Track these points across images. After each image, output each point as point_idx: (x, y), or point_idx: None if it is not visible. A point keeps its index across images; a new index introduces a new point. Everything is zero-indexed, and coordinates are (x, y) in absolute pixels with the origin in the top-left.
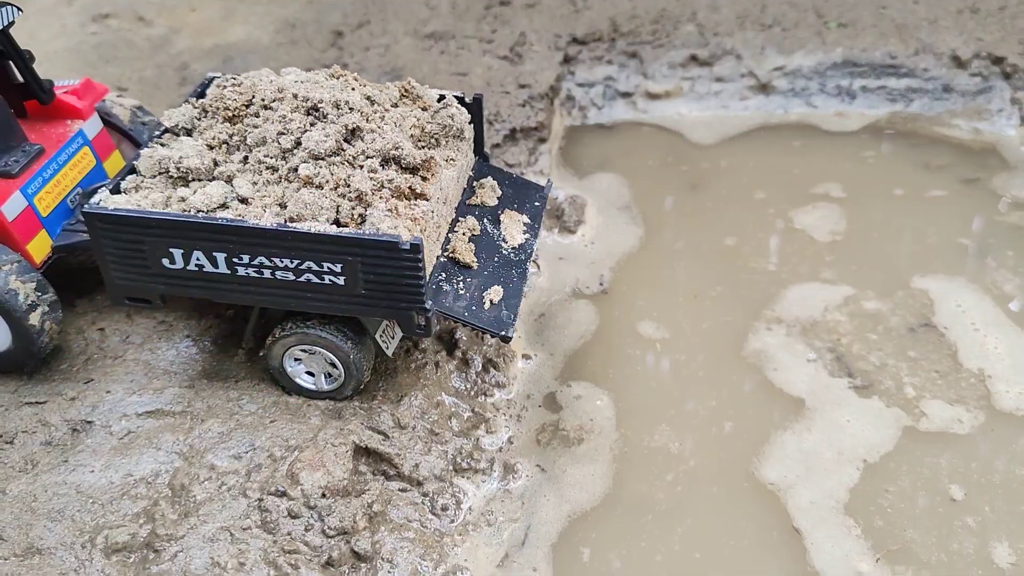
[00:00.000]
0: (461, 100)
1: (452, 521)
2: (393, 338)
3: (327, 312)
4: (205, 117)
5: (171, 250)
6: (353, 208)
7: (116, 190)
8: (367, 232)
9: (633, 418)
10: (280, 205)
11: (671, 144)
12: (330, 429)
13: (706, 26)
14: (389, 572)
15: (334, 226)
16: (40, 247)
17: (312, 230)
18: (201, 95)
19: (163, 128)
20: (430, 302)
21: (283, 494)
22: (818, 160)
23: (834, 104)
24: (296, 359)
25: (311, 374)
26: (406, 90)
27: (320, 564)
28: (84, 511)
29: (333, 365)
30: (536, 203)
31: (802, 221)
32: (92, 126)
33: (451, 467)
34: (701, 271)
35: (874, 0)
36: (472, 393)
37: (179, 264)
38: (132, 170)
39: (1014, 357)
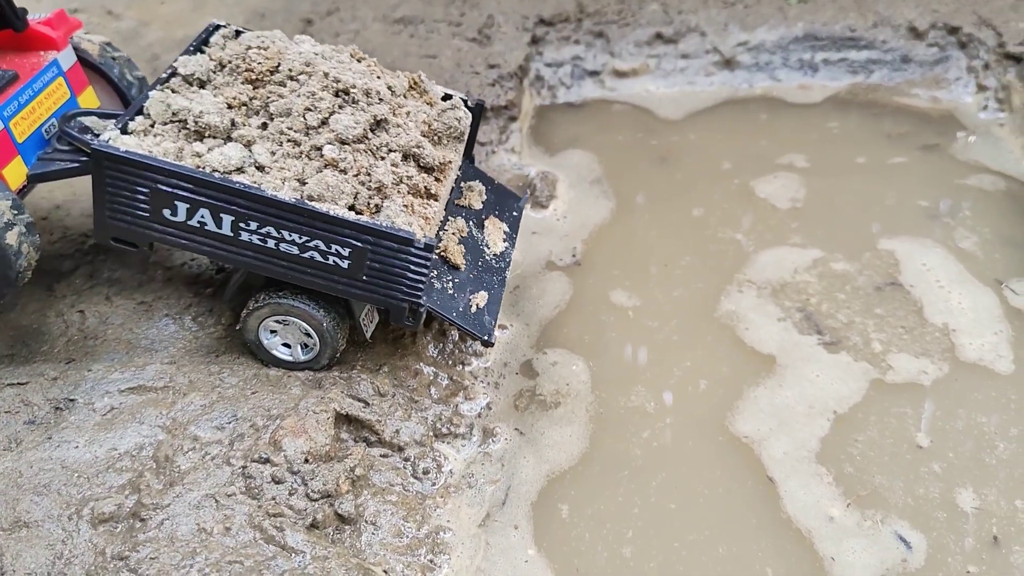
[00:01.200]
0: (464, 102)
1: (434, 484)
2: (372, 322)
3: (321, 290)
4: (221, 72)
5: (177, 203)
6: (371, 198)
7: (125, 130)
8: (384, 224)
9: (609, 381)
10: (299, 181)
11: (639, 120)
12: (311, 398)
13: (670, 4)
14: (373, 533)
15: (351, 211)
16: (15, 175)
17: (331, 212)
18: (204, 42)
19: (170, 71)
20: (425, 298)
21: (266, 460)
22: (783, 132)
23: (797, 77)
24: (272, 331)
25: (287, 345)
26: (415, 83)
27: (305, 526)
28: (70, 485)
29: (308, 335)
30: (514, 213)
31: (765, 190)
32: (66, 58)
33: (431, 432)
34: (671, 241)
35: None
36: (450, 363)
37: (181, 218)
38: (139, 111)
39: (977, 311)
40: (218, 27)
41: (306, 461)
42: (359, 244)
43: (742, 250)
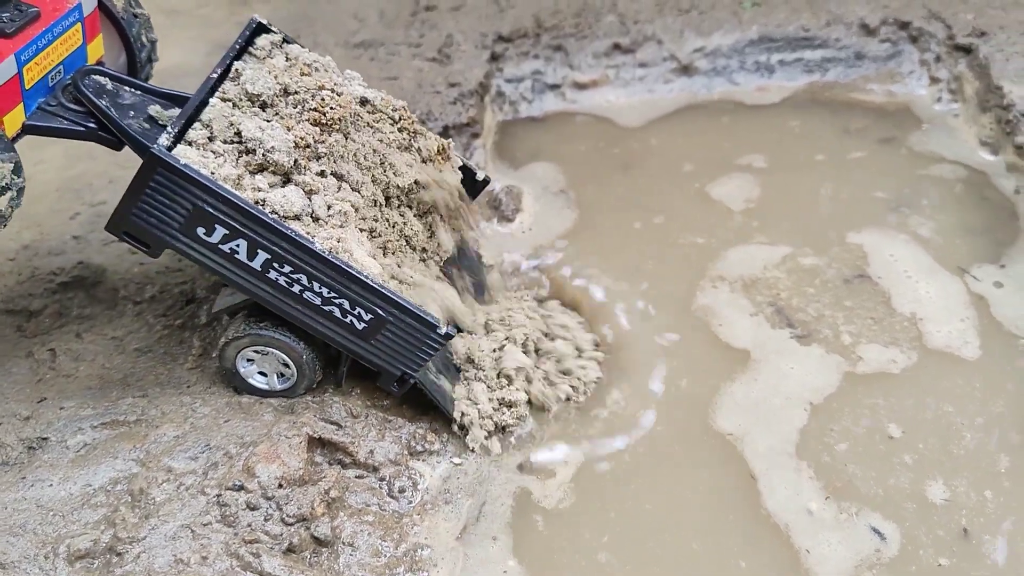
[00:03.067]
0: (473, 174)
1: (410, 502)
2: (346, 370)
3: (324, 339)
4: (285, 99)
5: (217, 227)
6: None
7: (181, 137)
8: (414, 305)
9: None
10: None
11: (601, 130)
12: (283, 423)
13: (626, 15)
14: (351, 554)
15: (392, 280)
16: (13, 121)
17: (372, 281)
18: (249, 42)
19: (219, 73)
20: (416, 371)
21: (241, 488)
22: (744, 133)
23: (755, 79)
24: (249, 359)
25: (263, 374)
26: (442, 148)
27: (282, 551)
28: (45, 524)
29: (286, 365)
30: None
31: (721, 192)
32: (89, 2)
33: (406, 451)
34: (639, 245)
35: None
36: None
37: (214, 240)
38: (193, 117)
39: (945, 299)
40: (263, 28)
41: (280, 486)
42: (383, 314)
43: (709, 249)
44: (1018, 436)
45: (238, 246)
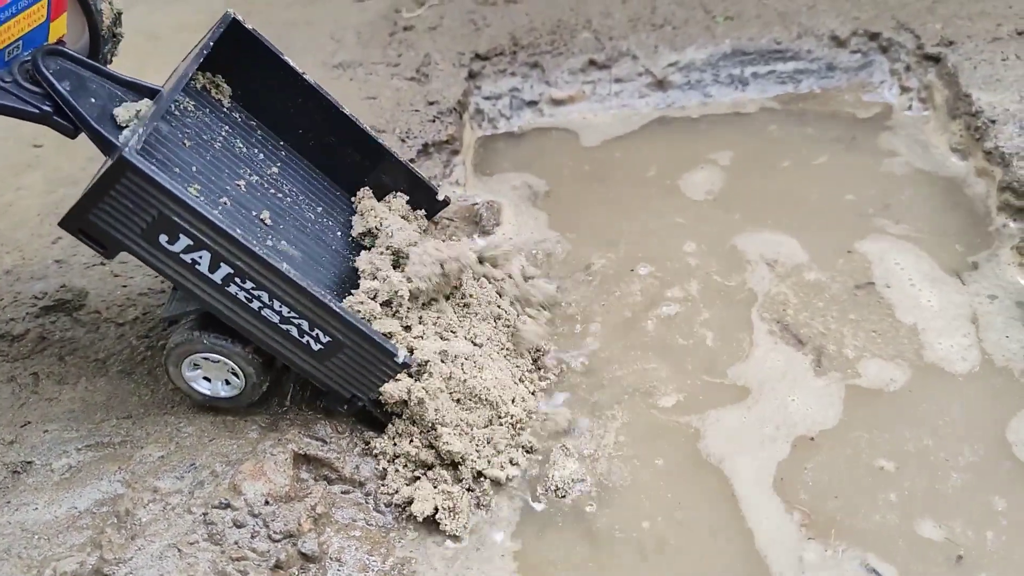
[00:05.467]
0: (433, 192)
1: (397, 517)
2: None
3: (276, 356)
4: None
5: (181, 236)
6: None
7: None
8: (375, 332)
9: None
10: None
11: (578, 144)
12: (268, 440)
13: (601, 31)
14: (338, 570)
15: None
16: None
17: (333, 305)
18: (224, 38)
19: (191, 67)
20: (368, 396)
21: (227, 506)
22: (719, 141)
23: (728, 92)
24: (196, 364)
25: (208, 380)
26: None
27: (269, 568)
28: (31, 547)
29: (234, 374)
30: None
31: (690, 188)
32: None
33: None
34: (619, 252)
35: None
36: None
37: (176, 249)
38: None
39: (942, 305)
40: (237, 25)
41: (266, 503)
42: (341, 338)
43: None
44: None
45: (200, 257)
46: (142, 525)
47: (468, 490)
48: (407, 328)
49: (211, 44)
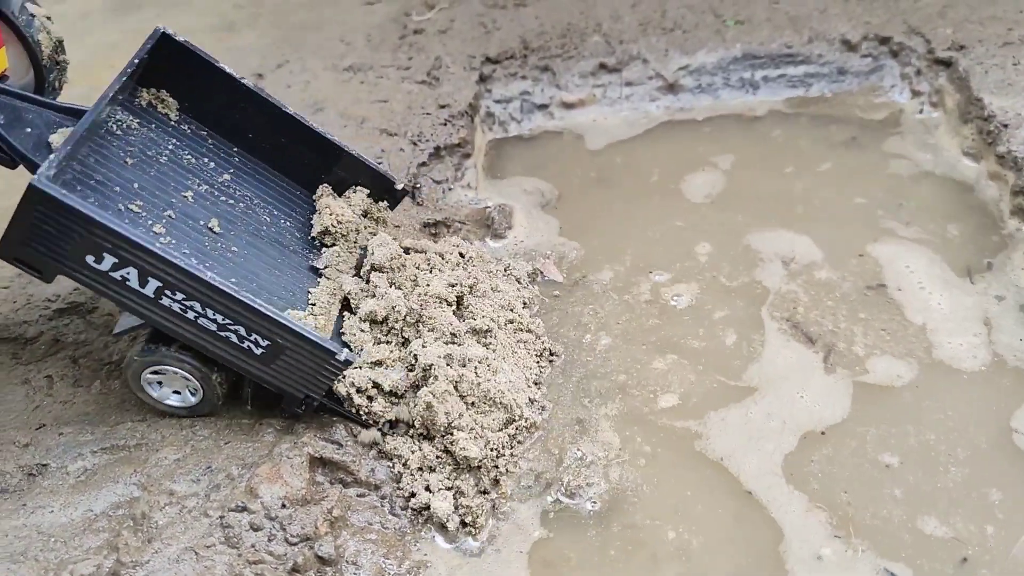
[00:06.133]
0: (391, 183)
1: (412, 520)
2: (251, 392)
3: (225, 364)
4: (386, 327)
5: (105, 255)
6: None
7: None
8: (310, 332)
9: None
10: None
11: (589, 147)
12: (284, 443)
13: (611, 35)
14: (355, 573)
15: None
16: None
17: (262, 308)
18: (152, 55)
19: (115, 88)
20: (321, 395)
21: (244, 509)
22: (728, 144)
23: (739, 96)
24: (154, 371)
25: (177, 393)
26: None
27: (286, 571)
28: (47, 550)
29: (187, 381)
30: None
31: (693, 191)
32: None
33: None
34: (632, 254)
35: None
36: None
37: (104, 268)
38: (79, 144)
39: (952, 305)
40: (168, 39)
41: (283, 506)
42: (280, 341)
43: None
44: None
45: (128, 274)
46: (158, 528)
47: (483, 493)
48: (405, 342)
49: (135, 61)
